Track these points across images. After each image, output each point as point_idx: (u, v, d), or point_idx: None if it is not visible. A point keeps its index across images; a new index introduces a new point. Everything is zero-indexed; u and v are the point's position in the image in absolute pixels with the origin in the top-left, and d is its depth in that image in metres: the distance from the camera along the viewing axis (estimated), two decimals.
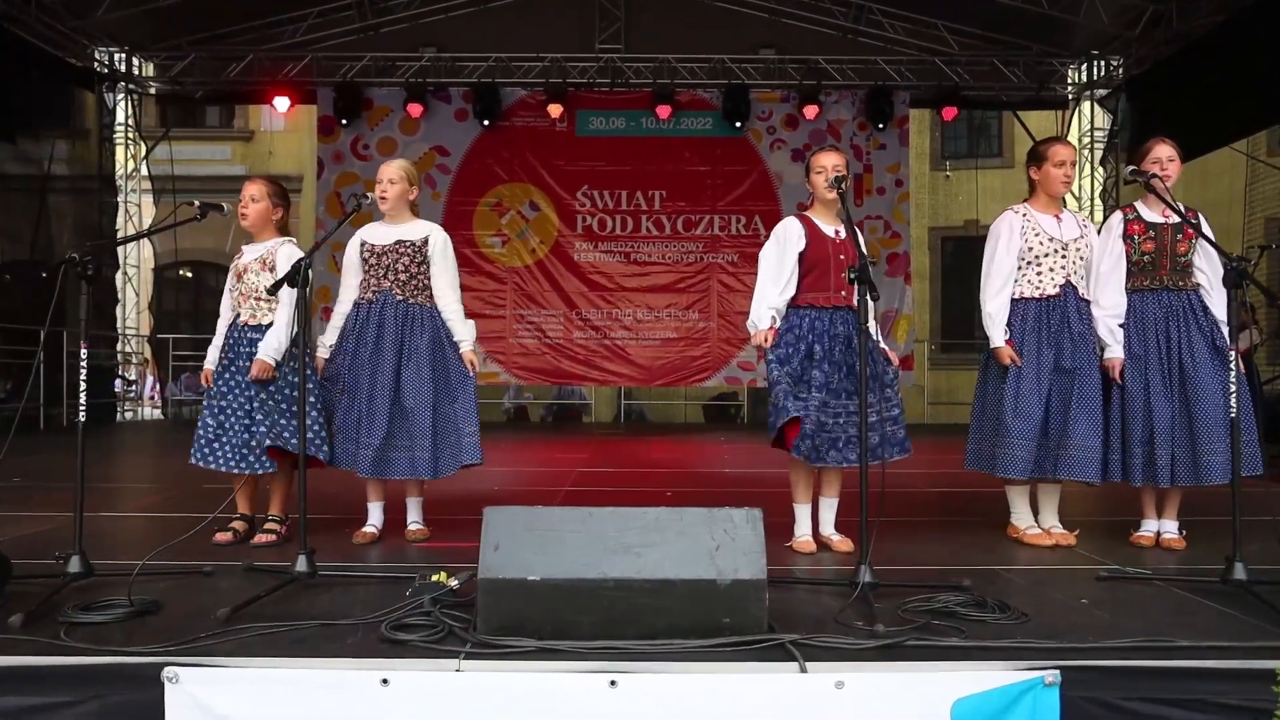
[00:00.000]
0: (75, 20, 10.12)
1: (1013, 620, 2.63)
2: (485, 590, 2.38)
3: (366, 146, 11.57)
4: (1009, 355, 3.72)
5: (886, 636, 2.40)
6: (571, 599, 2.37)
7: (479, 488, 5.10)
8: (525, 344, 11.73)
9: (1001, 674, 2.25)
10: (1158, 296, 3.71)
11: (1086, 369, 3.72)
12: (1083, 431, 3.65)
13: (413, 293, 3.78)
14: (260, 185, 3.84)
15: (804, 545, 3.67)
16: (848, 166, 3.72)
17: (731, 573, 2.39)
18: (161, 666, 2.23)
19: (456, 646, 2.32)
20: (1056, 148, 3.81)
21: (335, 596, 2.85)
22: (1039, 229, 3.78)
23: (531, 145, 11.67)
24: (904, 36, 11.22)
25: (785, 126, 11.71)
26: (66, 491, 5.10)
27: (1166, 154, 3.71)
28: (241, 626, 2.49)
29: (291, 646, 2.37)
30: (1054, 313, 3.76)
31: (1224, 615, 2.74)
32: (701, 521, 2.47)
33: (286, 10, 10.97)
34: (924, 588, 2.93)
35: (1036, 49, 10.93)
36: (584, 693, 2.20)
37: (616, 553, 2.41)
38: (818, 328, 3.59)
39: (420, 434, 3.72)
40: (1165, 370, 3.64)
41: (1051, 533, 3.80)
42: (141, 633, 2.47)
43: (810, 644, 2.35)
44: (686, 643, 2.32)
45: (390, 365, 3.72)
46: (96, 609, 2.63)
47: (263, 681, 2.23)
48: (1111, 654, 2.32)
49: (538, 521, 2.48)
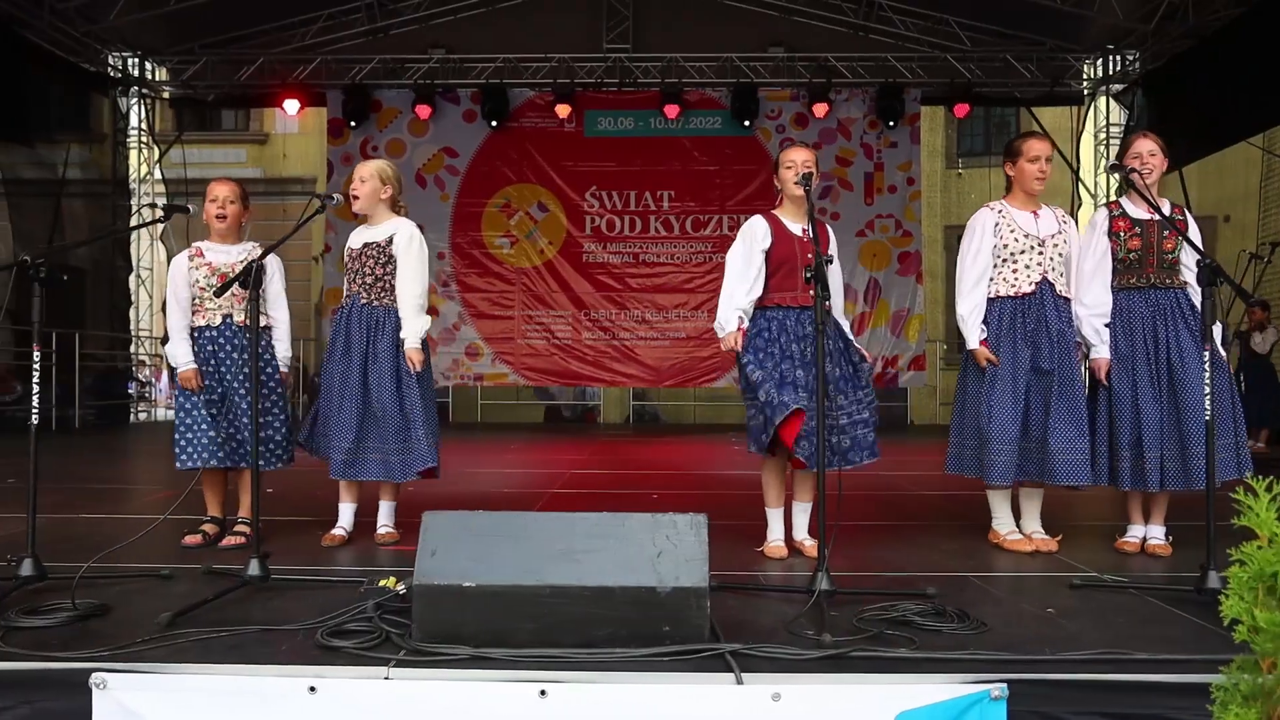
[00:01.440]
0: (88, 25, 10.25)
1: (970, 630, 2.54)
2: (420, 596, 2.33)
3: (375, 148, 11.61)
4: (985, 356, 3.63)
5: (832, 646, 2.33)
6: (508, 606, 2.32)
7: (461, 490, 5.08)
8: (534, 345, 11.73)
9: (947, 687, 2.17)
10: (1145, 295, 3.60)
11: (1067, 369, 3.62)
12: (1067, 434, 3.54)
13: (378, 295, 3.74)
14: (233, 187, 3.82)
15: (776, 550, 3.60)
16: (817, 164, 3.64)
17: (673, 580, 2.33)
18: (89, 672, 2.20)
19: (389, 654, 2.28)
20: (1031, 143, 3.71)
21: (284, 601, 2.81)
22: (1015, 225, 3.68)
23: (540, 146, 11.66)
24: (915, 33, 11.09)
25: (795, 125, 11.62)
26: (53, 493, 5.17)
27: (1148, 149, 3.60)
28: (180, 632, 2.46)
29: (227, 653, 2.33)
30: (1030, 311, 3.66)
31: (1195, 626, 2.63)
32: (644, 527, 2.41)
33: (297, 13, 11.04)
34: (885, 595, 2.86)
35: (1050, 44, 10.77)
36: (513, 703, 2.14)
37: (556, 559, 2.36)
38: (788, 328, 3.52)
39: (390, 436, 3.68)
40: (1153, 371, 3.53)
41: (1033, 538, 3.70)
42: (80, 637, 2.44)
43: (752, 654, 2.28)
44: (623, 652, 2.26)
45: (357, 369, 3.69)
46: (41, 613, 2.61)
47: (190, 689, 2.20)
48: (1063, 667, 2.23)
49: (478, 526, 2.43)
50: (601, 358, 11.69)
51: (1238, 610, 1.57)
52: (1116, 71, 10.78)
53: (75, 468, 7.10)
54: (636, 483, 6.05)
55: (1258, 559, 1.57)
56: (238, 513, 3.79)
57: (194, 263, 3.73)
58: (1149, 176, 3.56)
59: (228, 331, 3.71)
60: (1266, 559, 1.56)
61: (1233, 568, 1.63)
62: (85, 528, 4.24)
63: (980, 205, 3.91)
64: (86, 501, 5.05)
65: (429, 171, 11.68)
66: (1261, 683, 1.56)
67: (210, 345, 3.70)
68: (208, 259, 3.74)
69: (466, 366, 11.76)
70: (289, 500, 4.85)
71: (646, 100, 11.53)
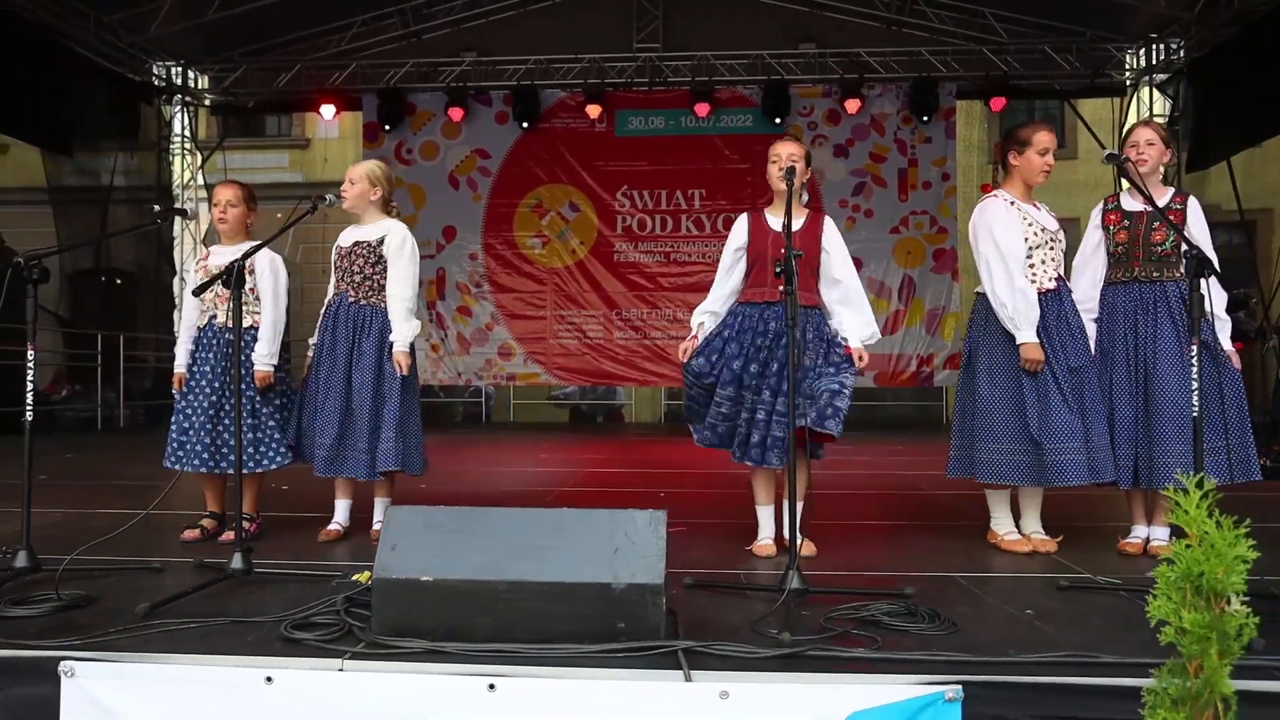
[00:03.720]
0: (132, 36, 10.55)
1: (940, 631, 2.49)
2: (379, 590, 2.36)
3: (410, 151, 11.78)
4: (1040, 354, 3.40)
5: (789, 645, 2.30)
6: (465, 601, 2.34)
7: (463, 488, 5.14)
8: (565, 344, 11.79)
9: (901, 688, 2.13)
10: (1128, 289, 3.50)
11: (1089, 365, 3.53)
12: (1099, 431, 3.45)
13: (366, 294, 3.78)
14: (236, 190, 3.90)
15: (764, 549, 3.57)
16: (806, 158, 3.61)
17: (628, 577, 2.33)
18: (59, 661, 2.27)
19: (348, 646, 2.31)
20: (1041, 133, 3.59)
21: (263, 594, 2.87)
22: (1030, 219, 3.57)
23: (571, 146, 11.71)
24: (950, 26, 10.91)
25: (827, 121, 11.52)
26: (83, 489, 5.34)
27: (1146, 137, 3.50)
28: (153, 623, 2.52)
29: (194, 643, 2.38)
30: (1052, 308, 3.54)
31: None
32: (603, 524, 2.41)
33: (333, 19, 11.24)
34: (860, 595, 2.81)
35: (1090, 34, 10.51)
36: (462, 696, 2.16)
37: (515, 554, 2.37)
38: (744, 324, 3.51)
39: (365, 434, 3.71)
40: (1130, 368, 3.43)
41: (1031, 539, 3.62)
42: (58, 627, 2.51)
43: (705, 651, 2.27)
44: (575, 647, 2.27)
45: (342, 367, 3.73)
46: (29, 603, 2.69)
47: (152, 679, 2.26)
48: (1022, 670, 2.18)
49: (440, 522, 2.46)
50: (633, 357, 11.70)
51: (1165, 611, 1.52)
52: (1160, 61, 10.48)
53: (111, 465, 7.32)
54: (648, 482, 6.04)
55: (1185, 558, 1.52)
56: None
57: (198, 265, 3.85)
58: (1145, 165, 3.46)
59: (209, 333, 3.79)
60: (1194, 558, 1.51)
61: (1160, 567, 1.58)
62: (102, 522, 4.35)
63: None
64: (111, 497, 5.20)
65: (462, 173, 11.81)
66: (1189, 686, 1.51)
67: (204, 345, 3.79)
68: (210, 261, 3.83)
69: (499, 366, 11.86)
70: (300, 497, 4.94)
71: (677, 99, 11.51)
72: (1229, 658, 1.51)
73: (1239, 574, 1.51)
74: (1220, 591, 1.50)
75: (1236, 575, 1.51)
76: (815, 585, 2.94)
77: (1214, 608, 1.51)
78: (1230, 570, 1.50)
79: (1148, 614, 1.55)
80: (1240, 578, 1.51)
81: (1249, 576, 2.23)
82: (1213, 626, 1.48)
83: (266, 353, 3.79)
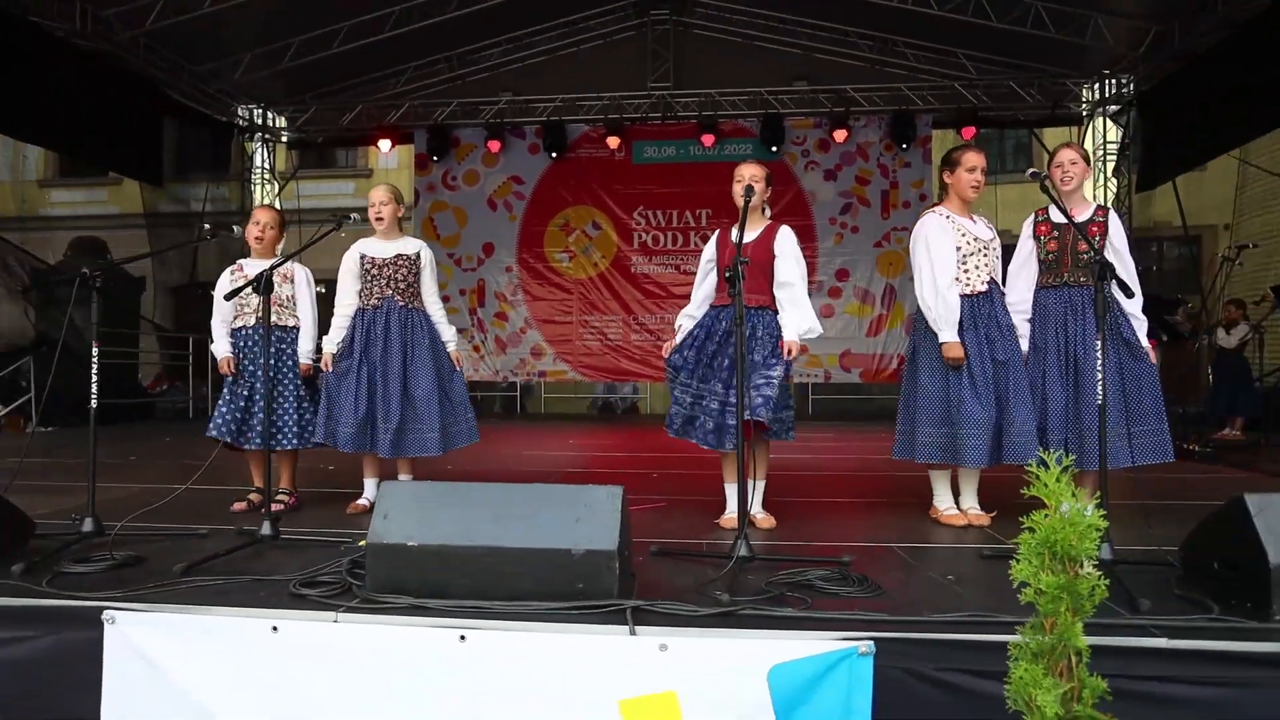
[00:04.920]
0: (219, 83, 10.72)
1: (866, 594, 2.46)
2: (372, 554, 2.38)
3: (454, 178, 11.85)
4: (961, 352, 3.40)
5: (727, 605, 2.29)
6: (445, 563, 2.35)
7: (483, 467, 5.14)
8: (589, 345, 11.80)
9: (819, 643, 2.11)
10: (1059, 292, 3.44)
11: (1016, 359, 3.46)
12: (1022, 419, 3.39)
13: (410, 299, 3.84)
14: (274, 214, 3.95)
15: (728, 522, 3.54)
16: (768, 179, 3.57)
17: (586, 544, 2.32)
18: (102, 610, 2.31)
19: (345, 601, 2.33)
20: (969, 154, 3.55)
21: (284, 557, 2.90)
22: (963, 229, 3.53)
23: (594, 173, 11.71)
24: (926, 64, 10.75)
25: (818, 149, 11.40)
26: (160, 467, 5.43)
27: (1069, 158, 3.43)
28: (186, 580, 2.56)
29: (215, 597, 2.42)
30: (983, 308, 3.50)
31: None
32: (567, 497, 2.41)
33: (389, 65, 11.32)
34: (801, 562, 2.78)
35: (1051, 71, 10.30)
36: (437, 645, 2.17)
37: (488, 523, 2.38)
38: (706, 323, 3.50)
39: (429, 419, 3.75)
40: (1061, 362, 3.36)
41: (968, 514, 3.56)
42: (110, 582, 2.56)
43: (652, 610, 2.26)
44: (538, 605, 2.27)
45: (398, 361, 3.77)
46: (88, 562, 2.75)
47: (179, 626, 2.30)
48: (929, 627, 2.14)
49: (426, 494, 2.47)
50: (648, 356, 11.65)
51: (1025, 573, 1.48)
52: (1112, 94, 10.25)
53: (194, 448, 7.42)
54: (648, 464, 6.03)
55: (1043, 527, 1.48)
56: (279, 484, 3.92)
57: (233, 275, 3.89)
58: (1070, 183, 3.38)
59: (255, 333, 3.83)
60: (1051, 526, 1.47)
61: (1023, 534, 1.54)
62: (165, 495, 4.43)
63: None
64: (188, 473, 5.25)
65: (499, 196, 11.86)
66: (1046, 641, 1.47)
67: (244, 343, 3.84)
68: (244, 271, 3.88)
69: (531, 365, 11.90)
70: (339, 475, 4.98)
71: (686, 131, 11.47)
72: (1082, 615, 1.47)
73: (1091, 541, 1.47)
74: (1074, 556, 1.46)
75: (1089, 542, 1.47)
76: (764, 554, 2.92)
77: (1069, 571, 1.46)
78: (1083, 537, 1.46)
79: (1010, 576, 1.52)
80: (1092, 544, 1.48)
81: (1153, 546, 2.17)
82: (1066, 588, 1.44)
83: (309, 349, 3.87)
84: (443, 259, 11.91)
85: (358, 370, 3.81)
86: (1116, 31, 8.86)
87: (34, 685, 2.32)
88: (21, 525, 2.91)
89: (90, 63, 8.81)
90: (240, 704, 2.22)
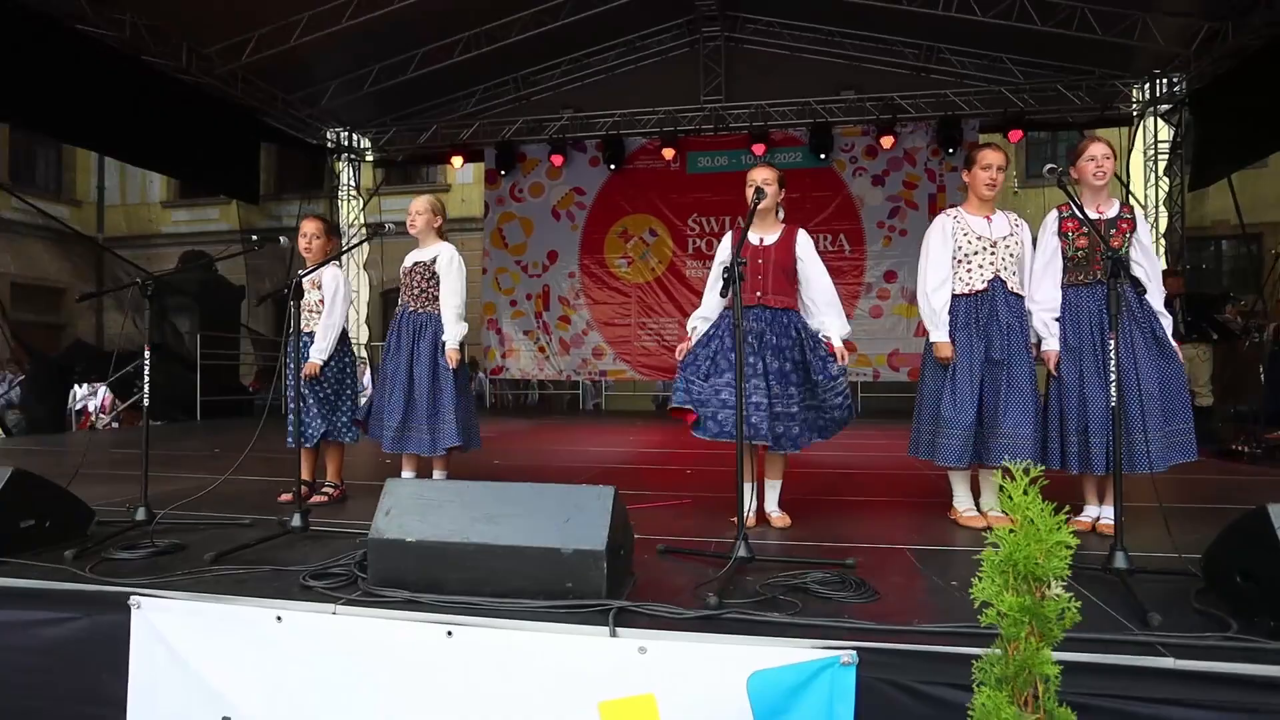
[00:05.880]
0: (309, 109, 11.02)
1: (861, 599, 2.26)
2: (372, 549, 2.31)
3: (521, 191, 11.90)
4: (948, 352, 3.24)
5: (714, 608, 2.13)
6: (441, 558, 2.26)
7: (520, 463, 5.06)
8: (647, 346, 11.68)
9: (801, 651, 1.93)
10: (1092, 291, 3.12)
11: (1017, 359, 3.19)
12: (1014, 419, 3.12)
13: (422, 304, 3.78)
14: (317, 224, 3.95)
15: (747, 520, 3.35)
16: (779, 182, 3.38)
17: (575, 543, 2.20)
18: (129, 595, 2.31)
19: (347, 594, 2.27)
20: (985, 152, 3.30)
21: (310, 548, 2.86)
22: (968, 229, 3.29)
23: (650, 183, 11.58)
24: (972, 70, 10.24)
25: (866, 156, 10.99)
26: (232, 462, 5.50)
27: (1103, 152, 3.12)
28: (212, 568, 2.54)
29: (233, 586, 2.39)
30: (982, 306, 3.25)
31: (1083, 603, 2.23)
32: (558, 497, 2.29)
33: (460, 89, 11.46)
34: (803, 564, 2.59)
35: (1100, 72, 9.65)
36: (425, 639, 2.09)
37: (482, 521, 2.28)
38: (729, 326, 3.30)
39: (423, 418, 3.68)
40: (1100, 361, 3.05)
41: (987, 515, 3.28)
42: (149, 568, 2.56)
43: (638, 611, 2.12)
44: (527, 602, 2.16)
45: (405, 364, 3.73)
46: (133, 549, 2.77)
47: (194, 612, 2.28)
48: (915, 638, 1.94)
49: (426, 492, 2.39)
50: None
51: (988, 593, 1.28)
52: (1163, 94, 9.53)
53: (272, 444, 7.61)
54: (685, 460, 5.87)
55: (1008, 542, 1.28)
56: (325, 477, 3.92)
57: None
58: (1103, 179, 3.08)
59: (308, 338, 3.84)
60: (1016, 543, 1.27)
61: (986, 550, 1.34)
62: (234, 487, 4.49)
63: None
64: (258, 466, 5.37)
65: (562, 207, 11.85)
66: (1011, 666, 1.27)
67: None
68: None
69: (593, 365, 11.85)
70: (367, 468, 4.97)
71: (738, 141, 11.23)
72: (1050, 640, 1.27)
73: (1060, 559, 1.26)
74: (1039, 576, 1.25)
75: (1057, 560, 1.26)
76: (771, 555, 2.74)
77: (1035, 592, 1.26)
78: (1050, 555, 1.25)
79: (971, 595, 1.32)
80: (1062, 563, 1.27)
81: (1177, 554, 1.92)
82: (1030, 610, 1.24)
83: (321, 347, 3.78)
84: (510, 266, 11.98)
85: (383, 371, 3.82)
86: (1166, 30, 8.22)
87: (72, 664, 2.34)
88: (82, 514, 2.96)
89: (196, 95, 9.18)
90: (248, 690, 2.19)
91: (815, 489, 4.45)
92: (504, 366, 11.96)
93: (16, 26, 7.09)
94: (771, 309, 3.26)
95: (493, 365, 12.01)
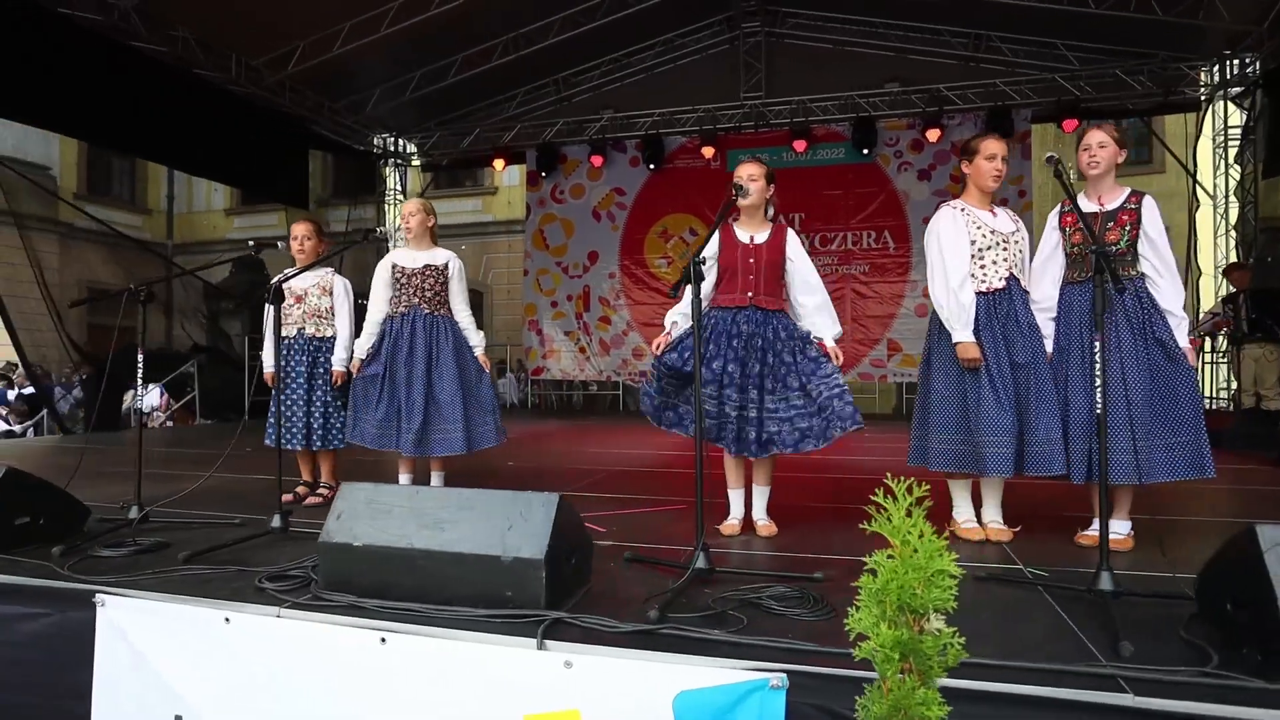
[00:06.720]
0: (355, 116, 11.31)
1: (816, 617, 2.15)
2: (322, 552, 2.32)
3: (562, 192, 11.96)
4: (977, 353, 2.98)
5: (653, 622, 2.05)
6: (387, 563, 2.25)
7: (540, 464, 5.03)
8: None
9: (730, 671, 1.84)
10: (1084, 288, 2.91)
11: (1039, 362, 2.99)
12: (1046, 425, 2.92)
13: (436, 307, 3.79)
14: (308, 225, 3.99)
15: (729, 529, 3.26)
16: (767, 178, 3.26)
17: (515, 551, 2.16)
18: (95, 593, 2.37)
19: (297, 597, 2.27)
20: (988, 142, 3.10)
21: (285, 549, 2.89)
22: (979, 222, 3.08)
23: (690, 182, 11.47)
24: (1023, 59, 9.79)
25: (911, 150, 10.65)
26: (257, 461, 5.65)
27: (1098, 139, 2.90)
28: (181, 568, 2.59)
29: (195, 586, 2.42)
30: (1001, 306, 3.04)
31: (1055, 628, 2.07)
32: (502, 503, 2.25)
33: (502, 92, 11.59)
34: (769, 577, 2.49)
35: (1162, 55, 9.10)
36: (359, 645, 2.07)
37: (428, 526, 2.26)
38: (718, 327, 3.18)
39: (452, 420, 3.70)
40: (1086, 364, 2.84)
41: (988, 528, 3.10)
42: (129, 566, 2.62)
43: (573, 623, 2.06)
44: (464, 610, 2.12)
45: (423, 365, 3.74)
46: (117, 546, 2.84)
47: (151, 611, 2.32)
48: (848, 663, 1.81)
49: (379, 497, 2.38)
50: None
51: (865, 624, 1.18)
52: (1234, 75, 8.92)
53: None
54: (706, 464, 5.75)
55: (885, 569, 1.18)
56: (321, 479, 3.98)
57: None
58: (1096, 168, 2.87)
59: (295, 342, 3.89)
60: (894, 570, 1.16)
61: (864, 577, 1.23)
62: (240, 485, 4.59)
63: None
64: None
65: (603, 207, 11.85)
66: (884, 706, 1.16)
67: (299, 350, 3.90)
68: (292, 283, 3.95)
69: (633, 365, 11.80)
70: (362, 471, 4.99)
71: (778, 138, 11.01)
72: (931, 679, 1.15)
73: (942, 589, 1.15)
74: (917, 608, 1.14)
75: (939, 590, 1.15)
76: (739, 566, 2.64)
77: (913, 625, 1.15)
78: (930, 585, 1.14)
79: (846, 626, 1.22)
80: (944, 593, 1.15)
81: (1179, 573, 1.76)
82: (905, 646, 1.13)
83: (343, 357, 3.90)
84: (551, 267, 12.05)
85: (384, 374, 3.78)
86: (1236, 6, 7.67)
87: (45, 658, 2.41)
88: (77, 512, 3.07)
89: (246, 106, 9.53)
90: (200, 690, 2.22)
91: (818, 495, 4.31)
92: (545, 367, 12.03)
93: (83, 50, 7.49)
94: (764, 310, 3.15)
95: (534, 366, 12.10)
